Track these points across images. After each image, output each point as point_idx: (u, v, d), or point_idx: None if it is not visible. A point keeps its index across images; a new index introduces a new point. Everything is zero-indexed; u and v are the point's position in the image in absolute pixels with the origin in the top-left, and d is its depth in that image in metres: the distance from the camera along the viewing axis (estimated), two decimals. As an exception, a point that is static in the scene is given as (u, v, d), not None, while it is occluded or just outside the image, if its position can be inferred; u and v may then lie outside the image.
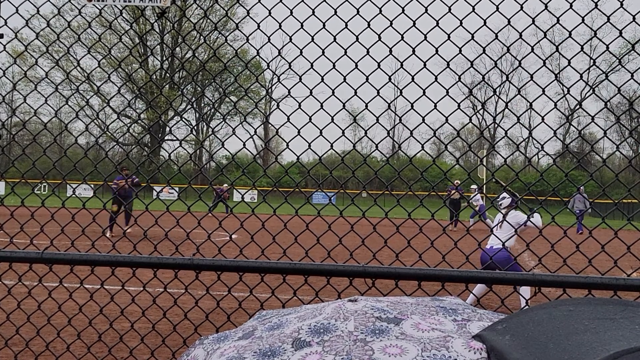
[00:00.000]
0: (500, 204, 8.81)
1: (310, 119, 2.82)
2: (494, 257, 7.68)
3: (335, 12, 2.79)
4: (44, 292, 3.33)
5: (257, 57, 3.21)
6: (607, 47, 2.59)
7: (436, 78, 2.73)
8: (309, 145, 2.87)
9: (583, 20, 2.60)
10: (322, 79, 2.83)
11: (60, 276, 3.22)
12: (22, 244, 4.02)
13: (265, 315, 1.43)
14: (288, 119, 2.92)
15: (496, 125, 53.17)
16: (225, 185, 32.48)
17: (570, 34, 2.63)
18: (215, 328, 3.13)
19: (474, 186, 26.32)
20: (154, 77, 58.41)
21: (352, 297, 1.35)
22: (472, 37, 2.73)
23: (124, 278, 3.22)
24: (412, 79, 2.81)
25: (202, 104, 65.96)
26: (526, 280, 2.50)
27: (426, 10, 2.76)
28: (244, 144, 3.01)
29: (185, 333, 4.97)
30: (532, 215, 7.73)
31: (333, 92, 2.87)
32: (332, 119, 2.82)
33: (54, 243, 3.20)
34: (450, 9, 2.74)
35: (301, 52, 2.89)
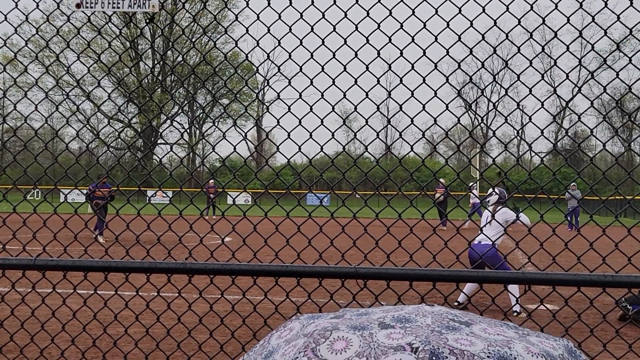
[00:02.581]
0: (488, 201, 8.86)
1: (300, 121, 2.83)
2: (483, 252, 7.70)
3: (323, 15, 2.81)
4: (38, 299, 3.33)
5: (249, 60, 3.22)
6: (593, 47, 2.62)
7: (424, 79, 2.75)
8: (299, 148, 2.88)
9: (568, 20, 2.63)
10: (311, 82, 2.85)
11: (53, 282, 3.22)
12: (15, 250, 4.02)
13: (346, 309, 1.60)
14: (278, 122, 2.93)
15: (485, 125, 53.28)
16: (212, 181, 31.19)
17: (555, 34, 2.65)
18: (209, 331, 3.15)
19: (472, 183, 26.17)
20: (146, 81, 58.27)
21: (429, 303, 1.48)
22: (459, 38, 2.76)
23: (117, 283, 3.23)
24: (401, 80, 2.83)
25: (195, 107, 65.92)
26: (516, 278, 2.52)
27: (413, 12, 2.78)
28: (235, 148, 3.02)
29: (179, 337, 4.96)
30: (519, 215, 7.77)
31: (322, 95, 2.88)
32: (322, 122, 2.84)
33: (47, 249, 3.20)
34: (437, 11, 2.76)
35: (290, 56, 2.90)
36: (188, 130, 65.45)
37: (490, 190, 8.97)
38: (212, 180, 31.16)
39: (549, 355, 1.25)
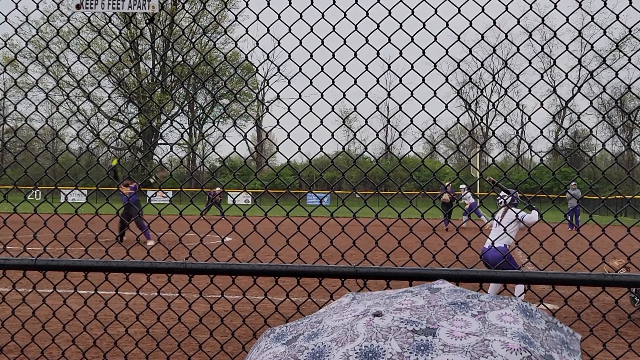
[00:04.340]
0: (501, 202, 8.71)
1: (299, 122, 2.84)
2: (494, 255, 7.62)
3: (323, 15, 2.81)
4: (38, 299, 3.34)
5: (248, 60, 3.23)
6: (592, 47, 2.62)
7: (423, 79, 2.75)
8: (299, 148, 2.89)
9: (567, 20, 2.64)
10: (311, 82, 2.85)
11: (54, 282, 3.23)
12: (15, 250, 4.02)
13: (284, 334, 1.43)
14: (278, 122, 2.94)
15: (485, 125, 53.28)
16: (218, 188, 31.50)
17: (555, 34, 2.66)
18: (209, 331, 3.16)
19: (462, 185, 26.29)
20: (146, 81, 58.29)
21: (376, 311, 1.37)
22: (459, 38, 2.76)
23: (117, 283, 3.23)
24: (400, 80, 2.83)
25: (195, 107, 65.95)
26: (516, 277, 2.53)
27: (412, 12, 2.79)
28: (235, 148, 3.03)
29: (179, 337, 4.96)
30: (530, 211, 7.72)
31: (322, 95, 2.89)
32: (322, 122, 2.84)
33: (47, 249, 3.21)
34: (436, 11, 2.77)
35: (289, 56, 2.91)
36: (188, 131, 65.48)
37: (503, 195, 8.82)
38: (218, 188, 31.11)
39: (522, 338, 1.25)
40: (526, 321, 1.33)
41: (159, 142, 60.83)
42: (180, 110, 60.38)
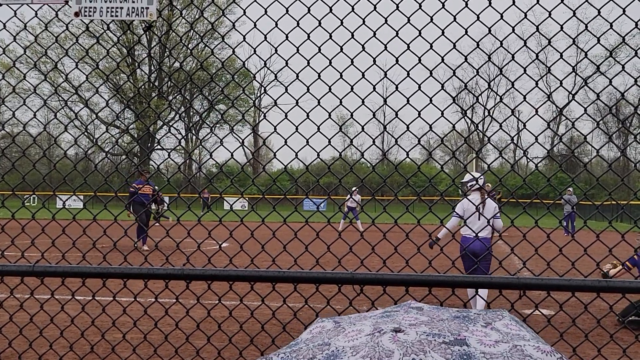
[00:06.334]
0: (469, 186, 7.41)
1: (296, 128, 2.86)
2: (476, 245, 7.24)
3: (320, 23, 2.84)
4: (36, 305, 3.34)
5: (246, 67, 3.25)
6: (586, 54, 2.65)
7: (419, 86, 2.77)
8: (296, 155, 2.91)
9: (562, 28, 2.66)
10: (308, 89, 2.87)
11: (51, 288, 3.24)
12: (13, 256, 4.03)
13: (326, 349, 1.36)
14: (275, 129, 2.96)
15: (481, 132, 53.42)
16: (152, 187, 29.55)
17: (549, 42, 2.68)
18: (206, 337, 3.17)
19: (354, 188, 26.07)
20: (144, 87, 58.27)
21: (394, 327, 1.35)
22: (454, 46, 2.78)
23: (115, 289, 3.24)
24: (396, 88, 2.85)
25: (192, 113, 65.90)
26: (511, 284, 2.54)
27: (408, 20, 2.81)
28: (232, 155, 3.05)
29: (177, 343, 4.96)
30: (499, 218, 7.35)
31: (319, 102, 2.91)
32: (318, 129, 2.86)
33: (45, 255, 3.22)
34: (432, 19, 2.79)
35: (287, 63, 2.93)
36: (185, 137, 65.41)
37: (467, 181, 7.53)
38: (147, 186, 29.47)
39: (542, 341, 1.27)
40: (527, 329, 1.36)
41: (155, 147, 60.79)
42: (177, 116, 60.33)
